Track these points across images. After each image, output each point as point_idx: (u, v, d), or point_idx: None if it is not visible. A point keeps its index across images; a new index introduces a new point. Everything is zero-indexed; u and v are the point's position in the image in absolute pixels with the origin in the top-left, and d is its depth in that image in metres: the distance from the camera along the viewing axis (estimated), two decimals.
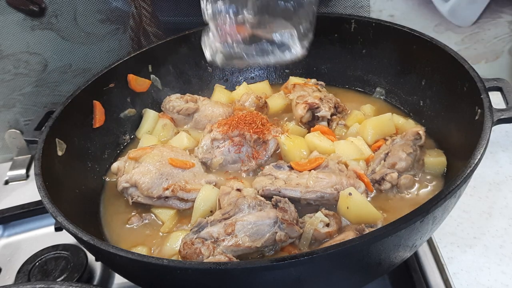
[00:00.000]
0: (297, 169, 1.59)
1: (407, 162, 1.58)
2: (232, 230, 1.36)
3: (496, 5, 2.18)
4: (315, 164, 1.58)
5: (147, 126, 1.97)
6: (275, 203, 1.45)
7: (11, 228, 1.96)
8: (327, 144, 1.71)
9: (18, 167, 2.26)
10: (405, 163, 1.57)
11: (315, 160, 1.60)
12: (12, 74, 2.23)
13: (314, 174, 1.54)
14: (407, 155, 1.58)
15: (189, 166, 1.67)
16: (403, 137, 1.65)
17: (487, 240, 1.62)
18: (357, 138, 1.74)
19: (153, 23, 2.17)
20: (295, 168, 1.60)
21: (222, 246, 1.34)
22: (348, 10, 2.21)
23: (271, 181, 1.55)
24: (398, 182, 1.56)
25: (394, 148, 1.62)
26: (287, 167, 1.62)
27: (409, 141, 1.62)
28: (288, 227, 1.38)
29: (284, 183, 1.53)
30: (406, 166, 1.58)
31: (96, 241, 1.23)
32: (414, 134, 1.64)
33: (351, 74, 2.06)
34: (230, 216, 1.41)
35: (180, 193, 1.59)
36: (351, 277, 1.31)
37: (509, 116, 1.43)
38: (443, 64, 1.69)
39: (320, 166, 1.58)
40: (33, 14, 2.11)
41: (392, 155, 1.60)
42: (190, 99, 1.96)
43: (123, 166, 1.69)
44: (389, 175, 1.55)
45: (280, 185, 1.53)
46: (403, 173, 1.57)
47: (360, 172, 1.59)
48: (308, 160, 1.63)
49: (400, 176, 1.56)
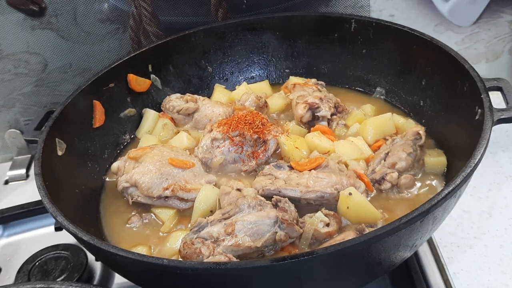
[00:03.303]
0: (297, 169, 1.59)
1: (407, 162, 1.57)
2: (232, 230, 1.36)
3: (496, 5, 2.18)
4: (315, 164, 1.58)
5: (147, 126, 1.97)
6: (275, 203, 1.44)
7: (11, 228, 1.96)
8: (327, 144, 1.71)
9: (18, 167, 2.26)
10: (405, 163, 1.57)
11: (315, 160, 1.60)
12: (12, 74, 2.23)
13: (314, 174, 1.54)
14: (407, 155, 1.58)
15: (189, 166, 1.66)
16: (403, 137, 1.65)
17: (487, 240, 1.62)
18: (357, 138, 1.73)
19: (153, 23, 2.16)
20: (295, 168, 1.60)
21: (222, 246, 1.34)
22: (348, 10, 2.21)
23: (271, 181, 1.55)
24: (398, 182, 1.56)
25: (394, 148, 1.62)
26: (287, 167, 1.62)
27: (409, 141, 1.62)
28: (288, 227, 1.38)
29: (284, 183, 1.53)
30: (406, 166, 1.57)
31: (96, 241, 1.23)
32: (414, 134, 1.63)
33: (351, 74, 2.06)
34: (230, 216, 1.41)
35: (180, 193, 1.59)
36: (351, 277, 1.31)
37: (509, 116, 1.43)
38: (443, 64, 1.69)
39: (320, 166, 1.58)
40: (33, 14, 2.11)
41: (392, 155, 1.59)
42: (190, 99, 1.96)
43: (123, 166, 1.69)
44: (389, 175, 1.55)
45: (280, 185, 1.52)
46: (403, 173, 1.57)
47: (360, 172, 1.59)
48: (308, 160, 1.63)
49: (401, 176, 1.56)
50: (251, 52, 2.17)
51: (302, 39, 2.10)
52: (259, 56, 2.18)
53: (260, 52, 2.17)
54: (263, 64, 2.19)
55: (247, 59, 2.18)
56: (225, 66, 2.18)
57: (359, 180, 1.55)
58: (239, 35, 2.13)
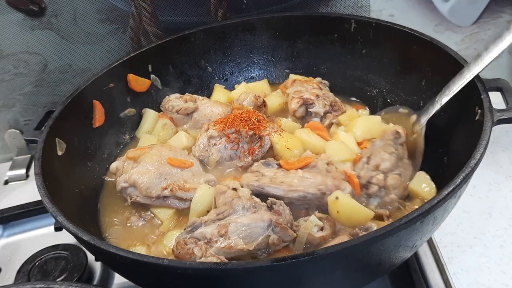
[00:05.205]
0: (285, 167, 1.57)
1: (391, 161, 1.54)
2: (225, 232, 1.35)
3: (496, 5, 2.18)
4: (303, 163, 1.56)
5: (147, 126, 1.97)
6: (270, 205, 1.43)
7: (11, 228, 1.96)
8: (316, 140, 1.70)
9: (18, 167, 2.26)
10: (389, 163, 1.54)
11: (304, 159, 1.59)
12: (12, 74, 2.23)
13: (300, 173, 1.52)
14: (389, 154, 1.55)
15: (188, 165, 1.66)
16: (383, 138, 1.63)
17: (487, 240, 1.62)
18: (348, 134, 1.72)
19: (153, 23, 2.17)
20: (284, 166, 1.58)
21: (215, 248, 1.33)
22: (348, 10, 2.21)
23: (257, 177, 1.54)
24: (385, 184, 1.52)
25: (375, 150, 1.59)
26: (276, 165, 1.60)
27: (390, 141, 1.60)
28: (281, 231, 1.36)
29: (270, 181, 1.51)
30: (390, 166, 1.54)
31: (96, 240, 1.23)
32: (393, 133, 1.61)
33: (351, 74, 2.06)
34: (225, 216, 1.40)
35: (179, 192, 1.59)
36: (351, 277, 1.31)
37: (509, 116, 1.43)
38: (443, 64, 1.69)
39: (308, 165, 1.56)
40: (33, 14, 2.11)
41: (374, 157, 1.56)
42: (189, 99, 1.96)
43: (121, 166, 1.69)
44: (375, 178, 1.51)
45: (264, 182, 1.51)
46: (388, 174, 1.53)
47: (351, 173, 1.56)
48: (297, 159, 1.62)
49: (387, 177, 1.53)
50: (251, 52, 2.17)
51: (302, 39, 2.10)
52: (259, 56, 2.18)
53: (260, 52, 2.17)
54: (263, 64, 2.19)
55: (247, 59, 2.18)
56: (225, 66, 2.18)
57: (345, 182, 1.52)
58: (239, 35, 2.13)
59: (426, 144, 1.65)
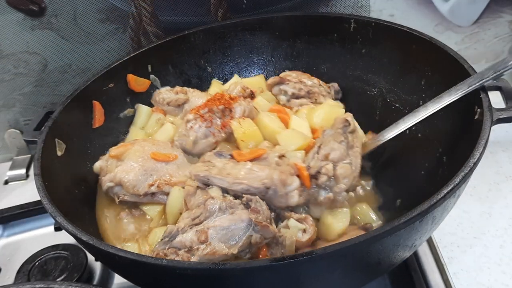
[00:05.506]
0: (236, 158, 1.54)
1: (340, 150, 1.51)
2: (205, 238, 1.30)
3: (496, 5, 2.18)
4: (255, 155, 1.53)
5: (140, 122, 1.95)
6: (246, 202, 1.39)
7: (11, 228, 1.96)
8: (275, 125, 1.70)
9: (18, 167, 2.27)
10: (338, 152, 1.50)
11: (256, 151, 1.56)
12: (12, 74, 2.23)
13: (249, 165, 1.47)
14: (338, 143, 1.52)
15: (172, 158, 1.64)
16: (333, 127, 1.60)
17: (487, 240, 1.62)
18: (303, 120, 1.75)
19: (153, 23, 2.17)
20: (235, 157, 1.55)
21: (197, 256, 1.28)
22: (348, 9, 2.21)
23: (207, 168, 1.50)
24: (335, 173, 1.48)
25: (325, 139, 1.56)
26: (228, 155, 1.57)
27: (339, 130, 1.57)
28: (262, 229, 1.32)
29: (218, 172, 1.47)
30: (340, 155, 1.50)
31: (95, 241, 1.23)
32: (342, 122, 1.58)
33: (350, 74, 2.05)
34: (201, 221, 1.35)
35: (166, 187, 1.56)
36: (350, 277, 1.31)
37: (508, 115, 1.43)
38: (443, 64, 1.69)
39: (260, 157, 1.53)
40: (33, 13, 2.12)
41: (324, 147, 1.53)
42: (180, 91, 1.95)
43: (105, 165, 1.66)
44: (324, 167, 1.47)
45: (212, 172, 1.47)
46: (338, 163, 1.50)
47: (301, 165, 1.51)
48: (250, 150, 1.59)
49: (336, 166, 1.49)
50: (250, 52, 2.17)
51: (302, 39, 2.10)
52: (258, 56, 2.17)
53: (259, 52, 2.17)
54: (262, 64, 2.19)
55: (247, 59, 2.18)
56: (224, 66, 2.18)
57: (292, 177, 1.46)
58: (238, 35, 2.13)
59: (426, 144, 1.66)
